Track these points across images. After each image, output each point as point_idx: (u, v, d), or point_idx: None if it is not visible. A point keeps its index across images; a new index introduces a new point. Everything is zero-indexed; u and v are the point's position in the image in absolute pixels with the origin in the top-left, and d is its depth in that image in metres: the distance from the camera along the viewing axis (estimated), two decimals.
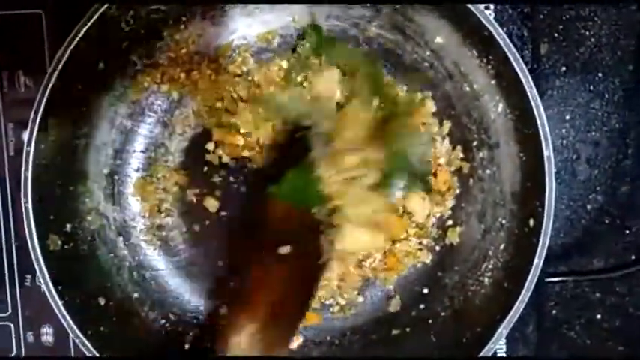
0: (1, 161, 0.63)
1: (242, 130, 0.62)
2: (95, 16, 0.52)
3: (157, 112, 0.64)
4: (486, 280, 0.60)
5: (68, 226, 0.58)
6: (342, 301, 0.65)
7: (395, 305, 0.65)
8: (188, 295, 0.65)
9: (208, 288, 0.64)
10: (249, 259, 0.52)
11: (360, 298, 0.66)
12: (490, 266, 0.60)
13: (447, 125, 0.63)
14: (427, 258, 0.65)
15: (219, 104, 0.63)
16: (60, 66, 0.53)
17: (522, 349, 0.67)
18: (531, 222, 0.56)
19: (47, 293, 0.54)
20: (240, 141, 0.62)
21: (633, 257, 0.67)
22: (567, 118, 0.67)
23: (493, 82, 0.57)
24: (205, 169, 0.64)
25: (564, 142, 0.67)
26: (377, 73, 0.61)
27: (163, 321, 0.63)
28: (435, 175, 0.64)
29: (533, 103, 0.54)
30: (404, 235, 0.64)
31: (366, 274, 0.65)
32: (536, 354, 0.67)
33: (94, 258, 0.60)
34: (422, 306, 0.64)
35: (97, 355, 0.55)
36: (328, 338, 0.64)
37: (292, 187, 0.53)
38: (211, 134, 0.63)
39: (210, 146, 0.64)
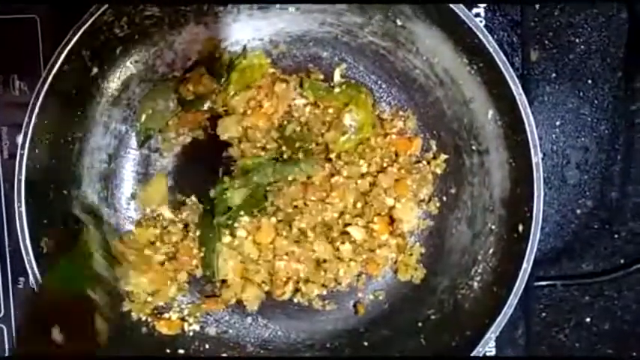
0: None
1: None
2: (89, 21, 0.53)
3: None
4: (476, 284, 0.61)
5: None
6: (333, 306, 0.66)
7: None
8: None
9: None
10: None
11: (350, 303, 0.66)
12: (479, 271, 0.61)
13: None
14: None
15: None
16: (54, 70, 0.53)
17: (511, 353, 0.68)
18: (520, 227, 0.56)
19: None
20: None
21: (622, 261, 0.68)
22: (557, 123, 0.67)
23: (483, 88, 0.58)
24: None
25: (554, 147, 0.67)
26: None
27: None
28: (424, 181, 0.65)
29: (522, 110, 0.55)
30: (384, 242, 0.64)
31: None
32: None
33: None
34: (412, 309, 0.64)
35: None
36: (319, 341, 0.65)
37: (65, 274, 0.53)
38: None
39: None
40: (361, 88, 0.64)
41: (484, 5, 0.65)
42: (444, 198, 0.65)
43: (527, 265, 0.55)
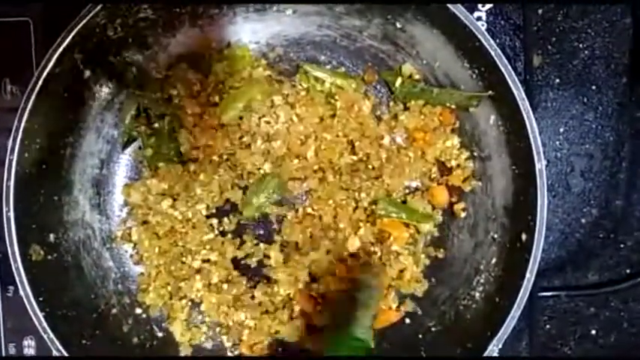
0: None
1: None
2: (82, 22, 0.52)
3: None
4: (477, 294, 0.59)
5: (51, 237, 0.57)
6: None
7: None
8: None
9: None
10: None
11: None
12: (481, 281, 0.59)
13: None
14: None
15: None
16: (45, 73, 0.52)
17: None
18: (523, 236, 0.55)
19: (27, 304, 0.53)
20: None
21: (628, 272, 0.66)
22: (561, 130, 0.66)
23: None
24: None
25: (558, 154, 0.66)
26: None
27: (147, 334, 0.62)
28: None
29: (525, 116, 0.54)
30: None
31: None
32: None
33: (79, 269, 0.59)
34: (412, 321, 0.63)
35: None
36: (317, 352, 0.63)
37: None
38: None
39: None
40: (351, 76, 0.63)
41: (486, 9, 0.64)
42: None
43: (530, 275, 0.54)
